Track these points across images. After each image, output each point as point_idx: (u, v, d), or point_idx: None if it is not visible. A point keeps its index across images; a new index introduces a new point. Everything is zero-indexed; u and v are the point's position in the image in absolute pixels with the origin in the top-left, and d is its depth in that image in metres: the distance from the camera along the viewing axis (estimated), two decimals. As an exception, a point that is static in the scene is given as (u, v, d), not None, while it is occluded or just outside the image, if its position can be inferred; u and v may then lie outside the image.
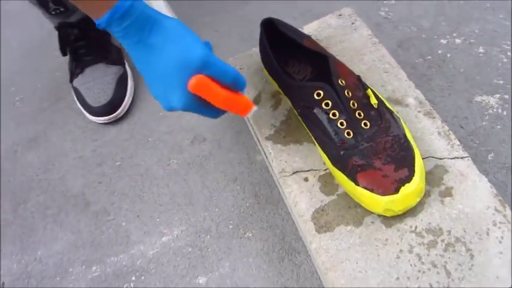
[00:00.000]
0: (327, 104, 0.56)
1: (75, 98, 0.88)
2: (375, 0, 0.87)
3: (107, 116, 0.83)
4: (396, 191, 0.51)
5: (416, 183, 0.51)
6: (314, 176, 0.60)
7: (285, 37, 0.64)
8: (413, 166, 0.53)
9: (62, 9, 0.80)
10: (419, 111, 0.62)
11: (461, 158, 0.57)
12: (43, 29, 0.97)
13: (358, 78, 0.60)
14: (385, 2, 0.86)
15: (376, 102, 0.57)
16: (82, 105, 0.86)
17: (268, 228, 0.70)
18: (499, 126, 0.70)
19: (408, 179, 0.52)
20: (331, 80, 0.57)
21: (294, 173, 0.61)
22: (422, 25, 0.82)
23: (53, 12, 0.81)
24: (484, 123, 0.71)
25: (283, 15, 0.89)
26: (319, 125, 0.58)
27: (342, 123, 0.56)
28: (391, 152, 0.55)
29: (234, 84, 0.48)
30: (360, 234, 0.54)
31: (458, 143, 0.58)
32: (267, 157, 0.68)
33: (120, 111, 0.84)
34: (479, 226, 0.52)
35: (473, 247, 0.51)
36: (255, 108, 0.50)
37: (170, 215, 0.73)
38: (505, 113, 0.70)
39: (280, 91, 0.67)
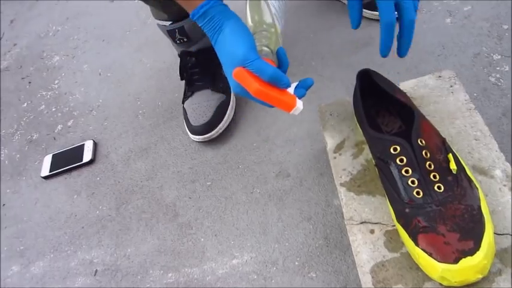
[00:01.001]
0: (401, 160, 0.57)
1: (183, 117, 0.99)
2: (487, 65, 0.84)
3: (201, 135, 0.93)
4: (455, 261, 0.50)
5: (479, 258, 0.49)
6: (381, 230, 0.60)
7: (379, 88, 0.67)
8: (481, 241, 0.51)
9: (185, 39, 0.93)
10: (504, 185, 0.59)
11: (543, 242, 0.53)
12: (172, 56, 1.11)
13: (443, 141, 0.60)
14: (498, 68, 0.83)
15: (456, 168, 0.57)
16: (186, 124, 0.97)
17: (333, 272, 0.71)
18: None
19: (471, 252, 0.50)
20: (409, 137, 0.58)
21: (361, 223, 0.62)
22: (535, 97, 0.77)
23: (178, 41, 0.94)
24: None
25: (388, 69, 0.91)
26: (390, 179, 0.59)
27: (413, 182, 0.56)
28: (459, 220, 0.53)
29: (274, 83, 0.56)
30: (417, 299, 0.53)
31: (543, 226, 0.54)
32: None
33: (213, 133, 0.93)
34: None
35: None
36: (299, 107, 0.57)
37: (244, 240, 0.78)
38: None
39: (364, 141, 0.69)
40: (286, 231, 0.77)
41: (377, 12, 0.99)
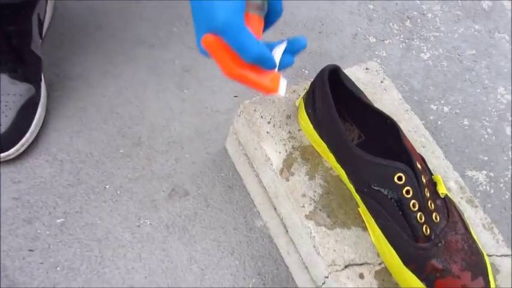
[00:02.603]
0: (407, 192, 0.48)
1: None
2: (367, 49, 0.80)
3: None
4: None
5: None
6: (369, 272, 0.51)
7: (346, 90, 0.53)
8: (488, 275, 0.49)
9: None
10: (461, 198, 0.58)
11: (507, 255, 0.55)
12: None
13: (423, 158, 0.53)
14: (376, 52, 0.80)
15: (445, 191, 0.51)
16: None
17: (279, 317, 0.57)
18: (489, 205, 0.71)
19: None
20: (409, 160, 0.48)
21: (346, 267, 0.50)
22: (413, 86, 0.79)
23: None
24: (476, 200, 0.72)
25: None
26: (394, 215, 0.48)
27: (420, 217, 0.48)
28: (464, 255, 0.49)
29: (257, 64, 0.44)
30: None
31: (502, 238, 0.56)
32: (287, 230, 0.56)
33: (12, 151, 0.58)
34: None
35: None
36: (280, 93, 0.45)
37: (147, 301, 0.54)
38: (492, 191, 0.72)
39: (313, 151, 0.55)
40: (206, 275, 0.57)
41: None
